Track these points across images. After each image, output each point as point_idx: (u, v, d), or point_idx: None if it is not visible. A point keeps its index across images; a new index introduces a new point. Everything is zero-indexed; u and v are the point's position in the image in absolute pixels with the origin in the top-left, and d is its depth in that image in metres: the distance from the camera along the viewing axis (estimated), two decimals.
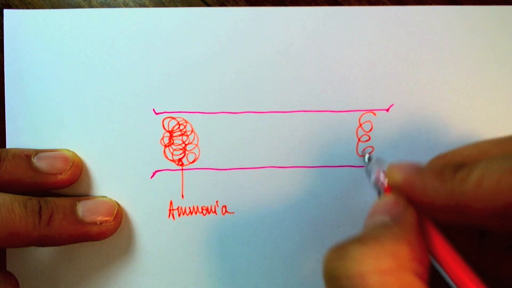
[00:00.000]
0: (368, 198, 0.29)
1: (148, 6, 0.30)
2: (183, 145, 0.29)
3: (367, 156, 0.26)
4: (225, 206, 0.29)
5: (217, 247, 0.29)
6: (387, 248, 0.17)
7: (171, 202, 0.29)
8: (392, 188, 0.21)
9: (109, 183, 0.29)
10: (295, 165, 0.29)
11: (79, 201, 0.27)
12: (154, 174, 0.29)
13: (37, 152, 0.27)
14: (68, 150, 0.28)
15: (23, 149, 0.28)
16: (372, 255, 0.17)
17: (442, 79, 0.29)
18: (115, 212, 0.28)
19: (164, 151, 0.29)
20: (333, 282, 0.18)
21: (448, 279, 0.19)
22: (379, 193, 0.23)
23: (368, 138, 0.29)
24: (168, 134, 0.29)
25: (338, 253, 0.18)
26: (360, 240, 0.18)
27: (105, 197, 0.29)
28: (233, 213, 0.29)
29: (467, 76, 0.29)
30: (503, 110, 0.29)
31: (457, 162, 0.19)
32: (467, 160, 0.19)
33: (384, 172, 0.23)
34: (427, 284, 0.18)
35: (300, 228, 0.29)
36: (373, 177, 0.24)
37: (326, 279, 0.18)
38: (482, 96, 0.29)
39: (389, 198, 0.21)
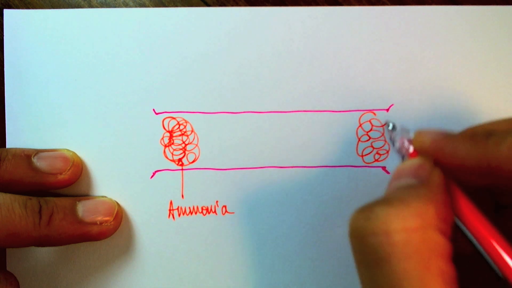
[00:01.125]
0: (368, 198, 0.29)
1: (148, 6, 0.30)
2: (183, 145, 0.29)
3: (391, 124, 0.26)
4: (225, 206, 0.29)
5: (217, 247, 0.29)
6: (413, 209, 0.18)
7: (171, 202, 0.29)
8: (419, 152, 0.22)
9: (109, 183, 0.29)
10: (295, 165, 0.29)
11: (79, 201, 0.27)
12: (154, 174, 0.29)
13: (37, 152, 0.27)
14: (68, 150, 0.28)
15: (23, 149, 0.28)
16: (398, 215, 0.17)
17: (442, 79, 0.29)
18: (115, 212, 0.28)
19: (164, 151, 0.29)
20: (359, 240, 0.18)
21: (472, 238, 0.19)
22: (403, 158, 0.24)
23: (368, 138, 0.29)
24: (168, 134, 0.29)
25: (364, 214, 0.18)
26: (386, 201, 0.18)
27: (105, 197, 0.29)
28: (233, 213, 0.29)
29: (467, 76, 0.29)
30: (503, 110, 0.29)
31: (488, 129, 0.20)
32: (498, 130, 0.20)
33: (409, 140, 0.23)
34: (450, 240, 0.18)
35: (300, 228, 0.29)
36: (398, 144, 0.24)
37: (352, 238, 0.19)
38: (482, 96, 0.29)
39: (415, 161, 0.21)
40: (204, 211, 0.29)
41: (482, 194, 0.22)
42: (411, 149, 0.23)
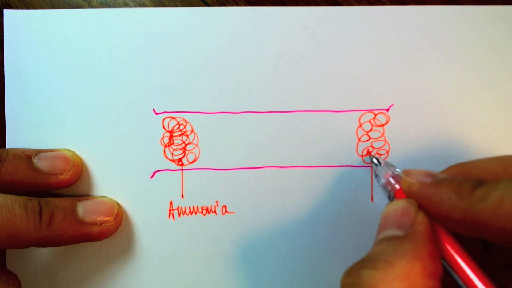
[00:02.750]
0: (368, 198, 0.29)
1: (148, 6, 0.30)
2: (183, 145, 0.29)
3: (374, 159, 0.26)
4: (225, 206, 0.29)
5: (217, 247, 0.29)
6: (399, 270, 0.18)
7: (171, 202, 0.29)
8: (405, 193, 0.22)
9: (109, 183, 0.29)
10: (295, 165, 0.29)
11: (79, 201, 0.27)
12: (154, 174, 0.29)
13: (37, 152, 0.27)
14: (69, 150, 0.28)
15: (23, 149, 0.28)
16: (384, 280, 0.18)
17: (442, 79, 0.29)
18: (115, 212, 0.28)
19: (164, 151, 0.29)
20: None
21: (462, 284, 0.19)
22: (389, 196, 0.24)
23: (368, 138, 0.29)
24: (168, 134, 0.29)
25: (352, 278, 0.18)
26: (372, 263, 0.18)
27: (105, 197, 0.29)
28: (233, 213, 0.29)
29: (467, 76, 0.29)
30: (503, 110, 0.29)
31: (476, 178, 0.19)
32: (486, 176, 0.19)
33: (394, 176, 0.24)
34: None
35: (300, 228, 0.29)
36: (383, 180, 0.24)
37: None
38: (482, 96, 0.29)
39: (400, 204, 0.21)
40: (204, 211, 0.29)
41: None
42: (397, 186, 0.23)
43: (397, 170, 0.25)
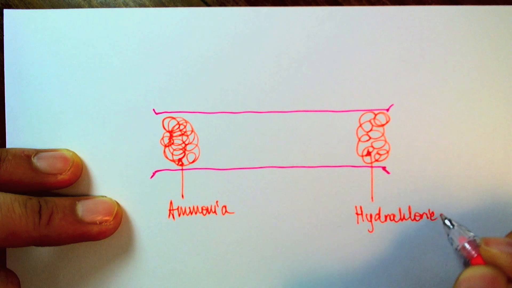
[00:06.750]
0: (368, 197, 0.29)
1: (148, 6, 0.30)
2: (183, 145, 0.29)
3: (447, 221, 0.26)
4: (225, 206, 0.29)
5: (217, 247, 0.29)
6: None
7: (171, 202, 0.29)
8: (486, 262, 0.22)
9: (109, 183, 0.29)
10: (295, 165, 0.29)
11: (79, 200, 0.27)
12: (154, 174, 0.29)
13: (37, 152, 0.27)
14: (68, 150, 0.28)
15: (23, 149, 0.28)
16: None
17: (442, 79, 0.29)
18: (115, 211, 0.28)
19: (164, 151, 0.29)
20: None
21: None
22: (465, 263, 0.23)
23: (368, 138, 0.29)
24: (168, 134, 0.29)
25: None
26: None
27: (105, 196, 0.29)
28: (233, 213, 0.29)
29: (467, 76, 0.29)
30: (503, 109, 0.29)
31: None
32: None
33: (470, 242, 0.24)
34: None
35: (300, 228, 0.29)
36: (458, 245, 0.24)
37: None
38: (482, 96, 0.29)
39: (487, 272, 0.21)
40: (204, 211, 0.29)
41: None
42: (474, 253, 0.23)
43: (471, 233, 0.25)
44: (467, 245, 0.24)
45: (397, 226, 0.29)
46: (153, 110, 0.29)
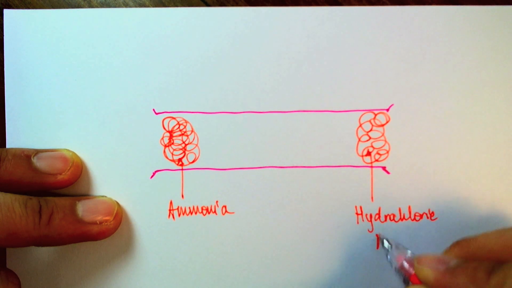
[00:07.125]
0: (368, 197, 0.29)
1: (148, 6, 0.30)
2: (183, 145, 0.29)
3: (385, 241, 0.26)
4: (225, 206, 0.29)
5: (217, 247, 0.29)
6: None
7: (171, 202, 0.29)
8: (421, 281, 0.22)
9: (109, 183, 0.29)
10: (295, 165, 0.29)
11: (79, 200, 0.27)
12: (154, 174, 0.29)
13: (37, 152, 0.27)
14: (68, 150, 0.28)
15: (23, 149, 0.28)
16: None
17: (442, 79, 0.29)
18: (115, 211, 0.28)
19: (164, 151, 0.29)
20: None
21: None
22: (404, 281, 0.24)
23: (368, 138, 0.29)
24: (168, 134, 0.29)
25: None
26: None
27: (105, 196, 0.29)
28: (233, 213, 0.29)
29: (467, 76, 0.29)
30: (503, 109, 0.29)
31: (488, 263, 0.19)
32: (494, 255, 0.19)
33: (407, 260, 0.24)
34: None
35: (300, 228, 0.29)
36: (396, 265, 0.25)
37: None
38: (482, 95, 0.29)
39: None
40: (204, 211, 0.29)
41: None
42: (411, 271, 0.23)
43: (409, 252, 0.25)
44: (405, 264, 0.24)
45: (397, 226, 0.29)
46: (153, 110, 0.29)
